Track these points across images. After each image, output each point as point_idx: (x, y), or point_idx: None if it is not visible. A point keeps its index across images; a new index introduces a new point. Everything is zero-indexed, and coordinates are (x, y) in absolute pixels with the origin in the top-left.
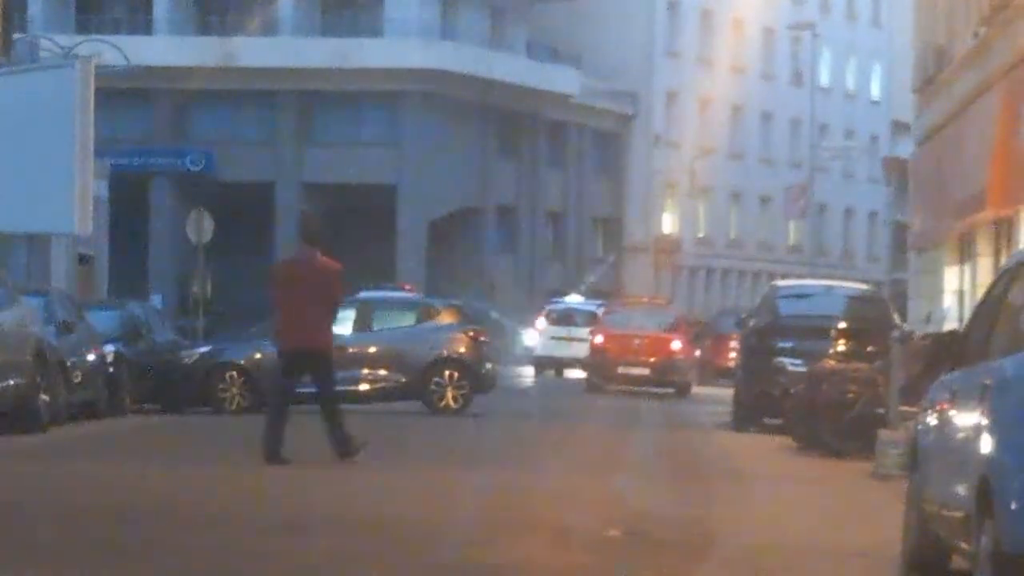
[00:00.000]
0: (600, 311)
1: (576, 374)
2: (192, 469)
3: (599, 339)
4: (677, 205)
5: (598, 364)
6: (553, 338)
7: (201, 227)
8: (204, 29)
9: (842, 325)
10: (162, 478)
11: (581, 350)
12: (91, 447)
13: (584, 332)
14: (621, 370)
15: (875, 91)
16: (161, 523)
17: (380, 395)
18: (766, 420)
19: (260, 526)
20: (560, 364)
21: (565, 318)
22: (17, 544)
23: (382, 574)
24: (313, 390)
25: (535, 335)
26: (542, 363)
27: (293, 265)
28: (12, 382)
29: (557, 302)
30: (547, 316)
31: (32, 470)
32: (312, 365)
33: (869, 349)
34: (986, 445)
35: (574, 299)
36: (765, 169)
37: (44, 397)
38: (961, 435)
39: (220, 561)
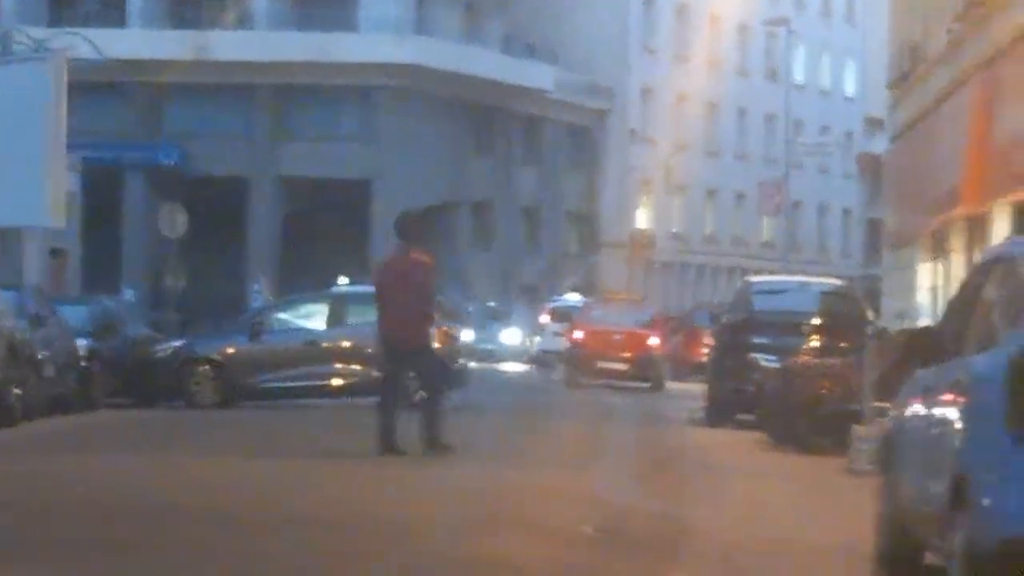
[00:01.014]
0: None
1: None
2: (165, 463)
3: (578, 334)
4: (652, 201)
5: (577, 358)
6: (555, 334)
7: (175, 221)
8: (178, 22)
9: (816, 321)
10: (135, 472)
11: None
12: (64, 441)
13: None
14: (600, 364)
15: (849, 87)
16: (134, 518)
17: (353, 390)
18: (740, 416)
19: (236, 520)
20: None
21: (565, 315)
22: None
23: (361, 569)
24: (303, 383)
25: (470, 332)
26: (544, 357)
27: (390, 263)
28: None
29: (557, 300)
30: (550, 313)
31: (4, 465)
32: (412, 360)
33: (842, 345)
34: (959, 441)
35: (573, 297)
36: (740, 165)
37: (16, 391)
38: (935, 431)
39: (194, 556)
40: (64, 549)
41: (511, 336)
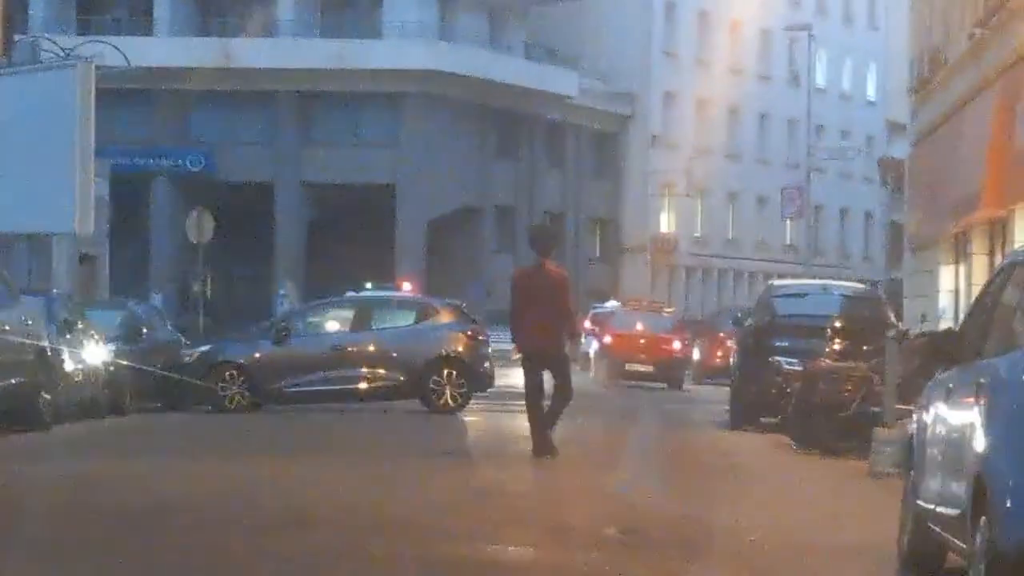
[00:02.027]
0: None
1: None
2: (193, 467)
3: (607, 339)
4: (674, 205)
5: (606, 361)
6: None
7: (201, 227)
8: (204, 30)
9: (838, 324)
10: (163, 477)
11: None
12: (92, 446)
13: None
14: (628, 367)
15: (871, 92)
16: (162, 521)
17: (379, 394)
18: (763, 419)
19: (261, 523)
20: None
21: (605, 321)
22: (18, 542)
23: (382, 571)
24: (330, 388)
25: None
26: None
27: (528, 274)
28: (13, 381)
29: (597, 306)
30: (591, 319)
31: (33, 469)
32: (549, 365)
33: (865, 348)
34: (981, 443)
35: (612, 304)
36: (762, 169)
37: (45, 396)
38: (956, 433)
39: (222, 559)
40: (63, 550)
41: None
